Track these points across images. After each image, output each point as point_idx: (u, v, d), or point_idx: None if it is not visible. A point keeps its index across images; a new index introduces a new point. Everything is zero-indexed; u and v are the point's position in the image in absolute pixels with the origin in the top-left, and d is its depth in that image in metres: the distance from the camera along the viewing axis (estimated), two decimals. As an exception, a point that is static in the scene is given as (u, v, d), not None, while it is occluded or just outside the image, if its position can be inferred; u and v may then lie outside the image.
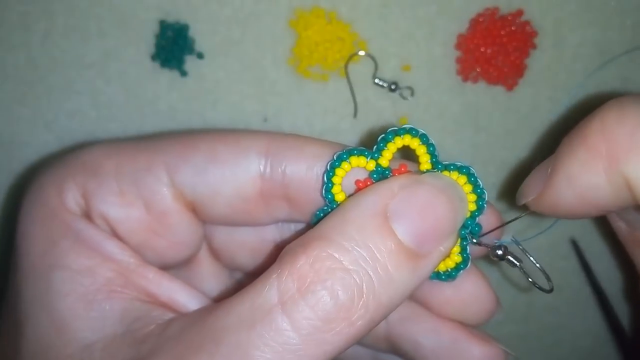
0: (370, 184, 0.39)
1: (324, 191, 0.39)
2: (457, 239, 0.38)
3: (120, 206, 0.41)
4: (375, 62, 0.55)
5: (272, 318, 0.33)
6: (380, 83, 0.56)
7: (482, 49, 0.55)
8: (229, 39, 0.56)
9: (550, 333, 0.61)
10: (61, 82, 0.56)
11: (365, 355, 0.49)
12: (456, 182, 0.38)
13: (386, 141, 0.39)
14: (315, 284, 0.33)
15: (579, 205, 0.37)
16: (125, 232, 0.41)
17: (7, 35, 0.55)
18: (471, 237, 0.40)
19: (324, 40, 0.55)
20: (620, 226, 0.44)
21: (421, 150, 0.39)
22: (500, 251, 0.40)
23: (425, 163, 0.39)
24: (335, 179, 0.39)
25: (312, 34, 0.55)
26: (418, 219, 0.35)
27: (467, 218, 0.39)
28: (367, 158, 0.39)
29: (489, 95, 0.57)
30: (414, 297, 0.44)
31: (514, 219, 0.42)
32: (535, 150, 0.57)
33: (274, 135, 0.41)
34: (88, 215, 0.41)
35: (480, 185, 0.39)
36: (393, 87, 0.55)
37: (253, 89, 0.56)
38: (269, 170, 0.40)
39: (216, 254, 0.46)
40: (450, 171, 0.39)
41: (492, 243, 0.40)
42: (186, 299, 0.40)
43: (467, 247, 0.40)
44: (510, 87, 0.56)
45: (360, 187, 0.39)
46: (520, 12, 0.55)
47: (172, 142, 0.42)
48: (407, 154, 0.40)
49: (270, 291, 0.33)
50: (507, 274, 0.60)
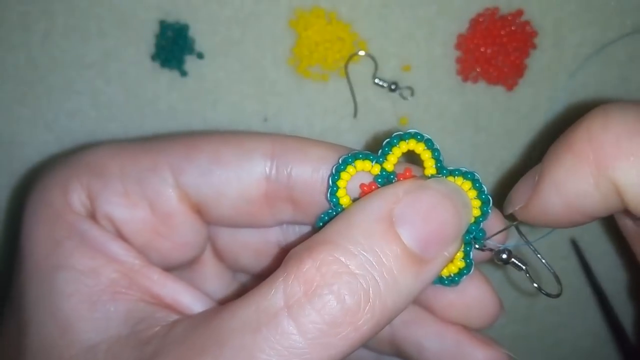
0: (375, 188, 0.39)
1: (329, 194, 0.39)
2: (461, 245, 0.38)
3: (125, 207, 0.41)
4: (375, 62, 0.55)
5: (278, 321, 0.33)
6: (380, 83, 0.56)
7: (482, 49, 0.55)
8: (229, 39, 0.55)
9: (550, 333, 0.62)
10: (61, 82, 0.56)
11: (369, 358, 0.49)
12: (461, 187, 0.38)
13: (391, 145, 0.39)
14: (322, 288, 0.33)
15: (566, 213, 0.37)
16: (130, 233, 0.41)
17: (7, 35, 0.55)
18: (475, 242, 0.40)
19: (324, 40, 0.55)
20: (626, 223, 0.44)
21: (426, 155, 0.39)
22: (504, 255, 0.40)
23: (430, 168, 0.39)
24: (340, 183, 0.39)
25: (312, 34, 0.55)
26: (422, 224, 0.35)
27: (471, 223, 0.39)
28: (372, 162, 0.39)
29: (489, 95, 0.57)
30: (418, 301, 0.44)
31: (505, 227, 0.42)
32: (531, 151, 0.58)
33: (279, 137, 0.41)
34: (93, 216, 0.41)
35: (485, 191, 0.39)
36: (393, 87, 0.55)
37: (253, 89, 0.56)
38: (274, 172, 0.40)
39: (220, 255, 0.46)
40: (455, 176, 0.39)
41: (496, 247, 0.40)
42: (190, 301, 0.40)
43: (470, 252, 0.40)
44: (510, 87, 0.56)
45: (365, 190, 0.39)
46: (520, 12, 0.55)
47: (176, 143, 0.42)
48: (411, 158, 0.40)
49: (276, 295, 0.33)
50: (508, 276, 0.60)
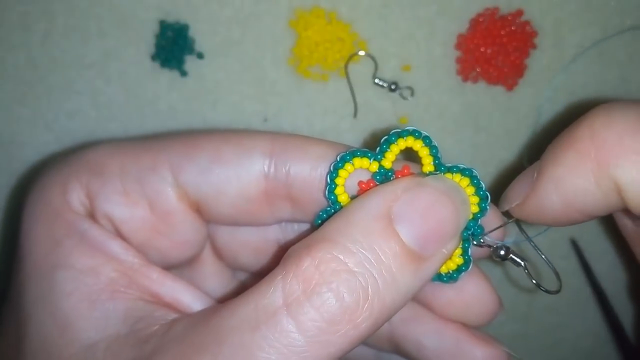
0: (373, 185, 0.39)
1: (327, 192, 0.39)
2: (459, 241, 0.38)
3: (124, 206, 0.41)
4: (375, 62, 0.55)
5: (277, 320, 0.33)
6: (380, 83, 0.56)
7: (482, 49, 0.55)
8: (229, 39, 0.55)
9: (550, 333, 0.62)
10: (61, 82, 0.56)
11: (368, 355, 0.49)
12: (459, 184, 0.38)
13: (389, 143, 0.39)
14: (321, 286, 0.33)
15: (564, 210, 0.37)
16: (129, 232, 0.41)
17: (7, 35, 0.55)
18: (473, 238, 0.40)
19: (324, 40, 0.55)
20: (626, 224, 0.44)
21: (424, 152, 0.39)
22: (502, 251, 0.40)
23: (428, 165, 0.39)
24: (339, 180, 0.39)
25: (312, 34, 0.55)
26: (421, 222, 0.35)
27: (469, 220, 0.39)
28: (370, 159, 0.39)
29: (489, 95, 0.57)
30: (416, 298, 0.44)
31: (504, 224, 0.41)
32: (530, 151, 0.58)
33: (278, 135, 0.41)
34: (92, 215, 0.41)
35: (483, 188, 0.39)
36: (393, 87, 0.55)
37: (253, 89, 0.56)
38: (273, 170, 0.40)
39: (219, 254, 0.46)
40: (453, 173, 0.39)
41: (494, 244, 0.40)
42: (190, 299, 0.40)
43: (468, 249, 0.40)
44: (510, 87, 0.56)
45: (363, 188, 0.39)
46: (520, 12, 0.55)
47: (176, 142, 0.42)
48: (409, 155, 0.40)
49: (275, 293, 0.33)
50: (508, 274, 0.60)
